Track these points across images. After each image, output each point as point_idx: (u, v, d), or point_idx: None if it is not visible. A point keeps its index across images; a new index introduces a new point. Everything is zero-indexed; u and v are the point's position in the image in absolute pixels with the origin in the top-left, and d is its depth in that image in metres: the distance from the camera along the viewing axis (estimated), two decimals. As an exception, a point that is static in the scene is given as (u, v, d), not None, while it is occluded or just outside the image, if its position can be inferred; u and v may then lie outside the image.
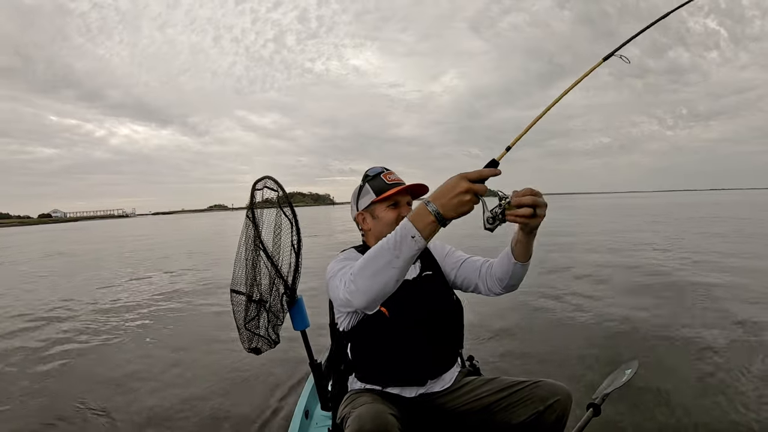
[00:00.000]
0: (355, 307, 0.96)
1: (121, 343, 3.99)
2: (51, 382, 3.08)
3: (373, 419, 0.97)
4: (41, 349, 3.87)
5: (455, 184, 0.85)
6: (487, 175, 0.88)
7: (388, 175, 1.30)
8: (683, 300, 4.38)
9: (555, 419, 1.12)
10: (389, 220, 1.25)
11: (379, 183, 1.28)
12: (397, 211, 1.26)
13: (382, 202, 1.27)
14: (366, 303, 0.94)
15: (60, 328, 4.64)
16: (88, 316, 5.16)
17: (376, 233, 1.29)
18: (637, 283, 5.32)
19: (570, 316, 4.00)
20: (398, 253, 0.88)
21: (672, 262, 6.70)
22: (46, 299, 6.33)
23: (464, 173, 0.86)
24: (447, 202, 0.85)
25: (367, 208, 1.30)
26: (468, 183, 0.85)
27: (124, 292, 6.69)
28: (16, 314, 5.43)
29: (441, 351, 1.28)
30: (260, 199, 1.47)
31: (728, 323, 3.51)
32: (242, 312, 1.49)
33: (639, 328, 3.52)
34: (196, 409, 2.53)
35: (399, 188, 1.25)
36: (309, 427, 1.75)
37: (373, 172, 1.31)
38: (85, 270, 9.66)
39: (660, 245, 8.62)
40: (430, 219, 0.86)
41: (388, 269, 0.89)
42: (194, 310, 5.26)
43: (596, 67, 1.06)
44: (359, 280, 0.93)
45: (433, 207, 0.86)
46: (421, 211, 0.87)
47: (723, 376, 2.55)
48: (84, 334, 4.34)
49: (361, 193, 1.32)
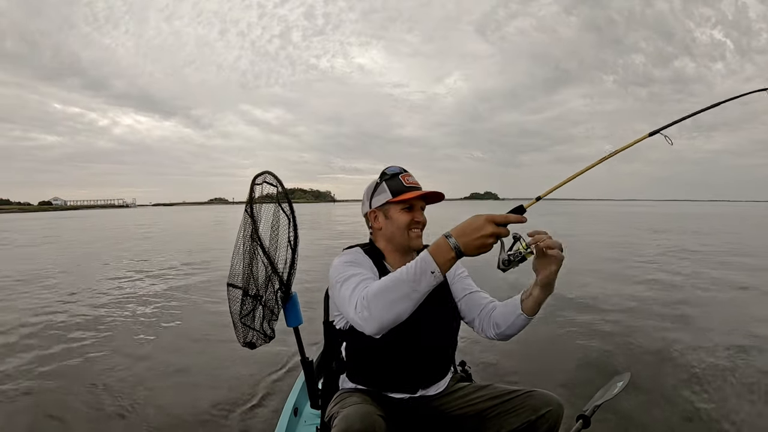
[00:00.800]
0: (365, 332, 0.96)
1: (107, 340, 3.98)
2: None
3: (361, 420, 0.97)
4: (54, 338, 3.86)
5: (482, 225, 0.87)
6: (513, 221, 0.90)
7: (406, 177, 1.27)
8: (684, 314, 4.38)
9: (546, 429, 1.11)
10: (402, 222, 1.24)
11: (397, 184, 1.26)
12: (411, 215, 1.24)
13: (398, 204, 1.25)
14: (378, 330, 0.95)
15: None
16: (77, 309, 5.14)
17: (387, 233, 1.28)
18: (635, 294, 5.32)
19: (564, 326, 4.00)
20: (416, 286, 0.89)
21: (674, 276, 6.71)
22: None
23: (491, 216, 0.88)
24: (470, 241, 0.87)
25: (380, 207, 1.28)
26: (494, 227, 0.87)
27: (105, 288, 6.68)
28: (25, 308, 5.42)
29: (435, 359, 1.27)
30: (259, 194, 1.46)
31: (726, 339, 3.51)
32: (238, 306, 1.48)
33: (634, 340, 3.52)
34: (184, 403, 2.52)
35: (418, 193, 1.23)
36: (297, 425, 1.74)
37: (392, 171, 1.28)
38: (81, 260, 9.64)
39: (661, 259, 8.62)
40: (451, 255, 0.88)
41: (405, 301, 0.90)
42: (187, 301, 5.26)
43: (640, 140, 1.14)
44: (374, 308, 0.92)
45: (454, 243, 0.88)
46: (443, 246, 0.89)
47: (715, 387, 2.55)
48: (74, 331, 4.32)
49: (377, 190, 1.29)
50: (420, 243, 1.26)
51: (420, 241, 1.26)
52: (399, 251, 1.29)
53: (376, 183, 1.30)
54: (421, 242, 1.27)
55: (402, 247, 1.27)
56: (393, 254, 1.29)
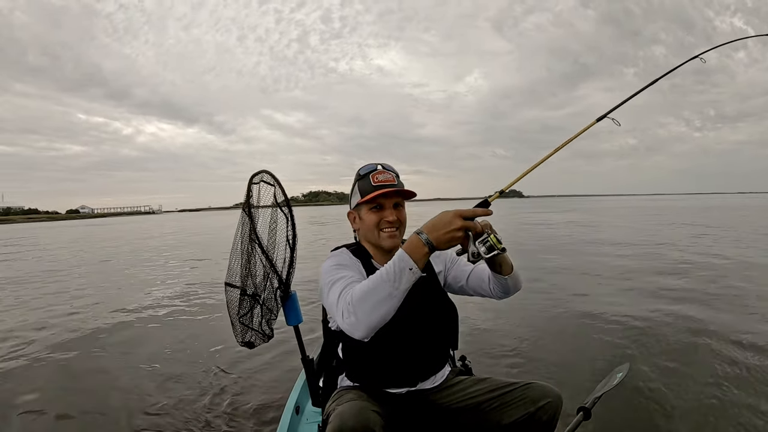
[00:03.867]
0: (355, 337, 0.97)
1: (106, 340, 3.98)
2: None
3: (355, 416, 0.97)
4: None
5: (450, 220, 0.94)
6: (480, 214, 0.99)
7: (376, 176, 1.23)
8: (691, 304, 4.39)
9: (546, 421, 1.12)
10: (371, 223, 1.23)
11: (365, 184, 1.23)
12: (380, 214, 1.22)
13: (366, 204, 1.24)
14: (367, 333, 0.96)
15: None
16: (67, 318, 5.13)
17: (362, 233, 1.29)
18: (643, 285, 5.33)
19: (566, 318, 4.01)
20: (397, 285, 0.93)
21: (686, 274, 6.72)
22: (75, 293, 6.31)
23: (459, 210, 0.96)
24: (441, 236, 0.94)
25: (355, 208, 1.28)
26: (463, 221, 0.95)
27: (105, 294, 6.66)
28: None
29: (433, 353, 1.28)
30: (256, 194, 1.46)
31: (730, 328, 3.53)
32: (236, 306, 1.49)
33: (635, 331, 3.52)
34: (186, 403, 2.53)
35: (378, 192, 1.20)
36: (299, 423, 1.75)
37: (364, 171, 1.26)
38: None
39: (662, 249, 8.63)
40: (424, 251, 0.94)
41: (389, 300, 0.93)
42: (188, 301, 5.26)
43: (590, 126, 1.28)
44: (360, 313, 0.94)
45: (426, 238, 0.94)
46: (416, 243, 0.94)
47: (717, 379, 2.55)
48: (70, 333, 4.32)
49: (353, 191, 1.29)
50: (390, 243, 1.23)
51: (391, 241, 1.23)
52: (378, 250, 1.28)
53: (352, 185, 1.30)
54: (394, 242, 1.24)
55: (377, 246, 1.27)
56: (376, 253, 1.29)
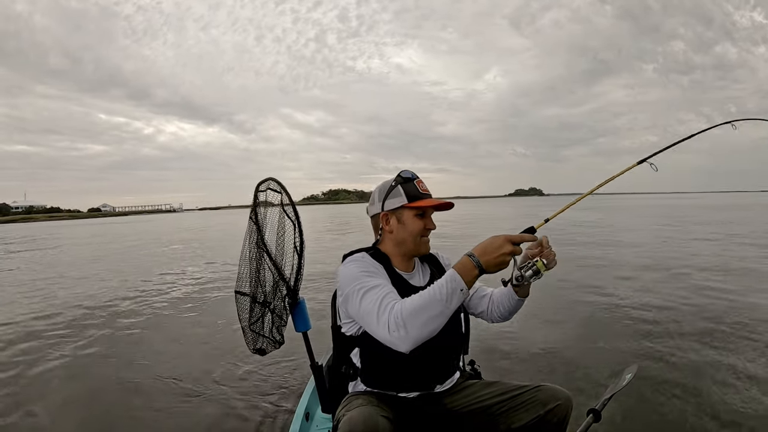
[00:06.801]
0: (400, 350, 1.00)
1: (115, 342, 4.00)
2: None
3: (364, 421, 0.98)
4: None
5: (501, 245, 0.99)
6: (527, 240, 1.04)
7: (420, 184, 1.27)
8: (697, 304, 4.36)
9: (556, 423, 1.12)
10: (416, 229, 1.25)
11: (413, 189, 1.25)
12: (424, 222, 1.26)
13: (412, 210, 1.24)
14: (413, 347, 0.99)
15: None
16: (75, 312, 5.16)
17: (397, 238, 1.27)
18: (650, 286, 5.30)
19: (575, 320, 4.00)
20: (449, 304, 0.97)
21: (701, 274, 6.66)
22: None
23: (509, 236, 1.01)
24: (491, 259, 0.98)
25: (394, 210, 1.26)
26: (512, 246, 1.00)
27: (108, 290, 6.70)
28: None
29: (448, 357, 1.29)
30: (263, 201, 1.48)
31: (739, 329, 3.49)
32: (247, 313, 1.50)
33: (645, 332, 3.50)
34: (196, 409, 2.54)
35: (434, 202, 1.24)
36: (309, 430, 1.75)
37: (407, 175, 1.27)
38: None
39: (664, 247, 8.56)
40: (475, 273, 0.99)
41: (439, 318, 0.98)
42: (202, 302, 5.27)
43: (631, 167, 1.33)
44: (411, 327, 0.97)
45: (477, 261, 0.99)
46: (468, 265, 0.99)
47: (732, 379, 2.54)
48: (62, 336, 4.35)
49: (392, 193, 1.26)
50: (428, 249, 1.31)
51: (428, 246, 1.30)
52: (404, 255, 1.29)
53: (390, 185, 1.27)
54: (429, 248, 1.31)
55: (410, 252, 1.28)
56: (398, 258, 1.29)
